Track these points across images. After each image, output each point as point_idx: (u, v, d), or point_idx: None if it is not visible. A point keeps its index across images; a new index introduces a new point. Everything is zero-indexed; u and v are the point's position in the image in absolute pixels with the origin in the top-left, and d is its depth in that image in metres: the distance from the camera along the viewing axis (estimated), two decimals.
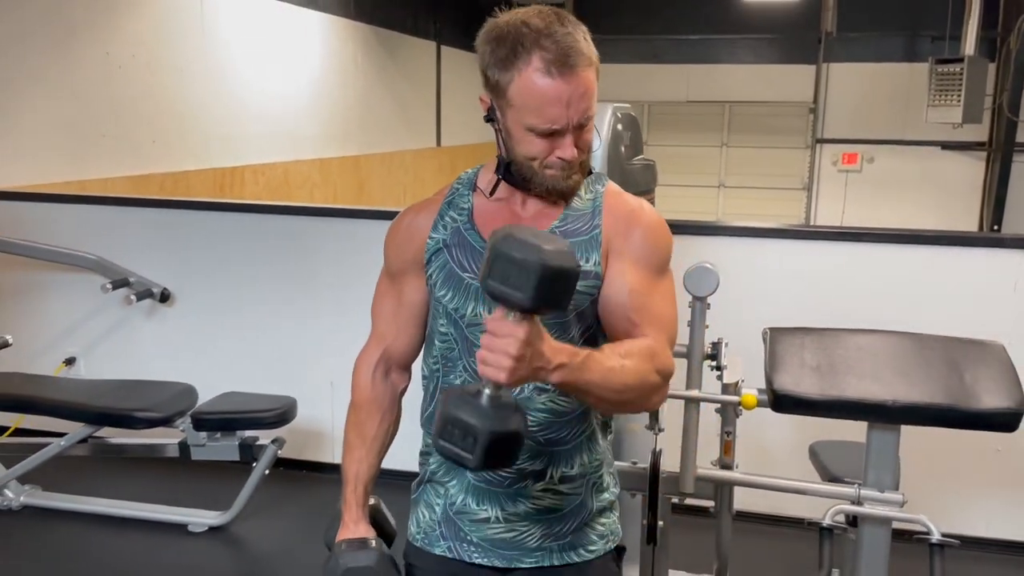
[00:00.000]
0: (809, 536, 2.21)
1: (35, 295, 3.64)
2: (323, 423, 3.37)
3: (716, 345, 2.19)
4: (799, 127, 11.22)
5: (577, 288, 1.26)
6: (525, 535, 1.41)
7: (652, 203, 2.54)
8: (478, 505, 1.41)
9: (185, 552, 2.91)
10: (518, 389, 1.32)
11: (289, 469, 3.38)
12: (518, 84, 1.26)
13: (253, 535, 3.01)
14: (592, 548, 1.44)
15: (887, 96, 10.27)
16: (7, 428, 3.45)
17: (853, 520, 2.15)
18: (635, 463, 2.23)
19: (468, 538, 1.42)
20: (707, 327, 2.19)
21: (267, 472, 2.97)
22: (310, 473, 3.38)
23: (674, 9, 11.08)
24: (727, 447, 2.23)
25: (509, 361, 1.10)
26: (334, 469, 3.37)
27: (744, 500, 2.62)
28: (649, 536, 2.14)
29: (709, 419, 2.28)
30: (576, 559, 1.43)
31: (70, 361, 3.62)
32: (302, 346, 3.39)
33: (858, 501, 2.07)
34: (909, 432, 2.06)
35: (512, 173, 1.36)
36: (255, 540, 3.01)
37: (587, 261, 1.34)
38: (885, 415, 2.02)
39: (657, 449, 2.16)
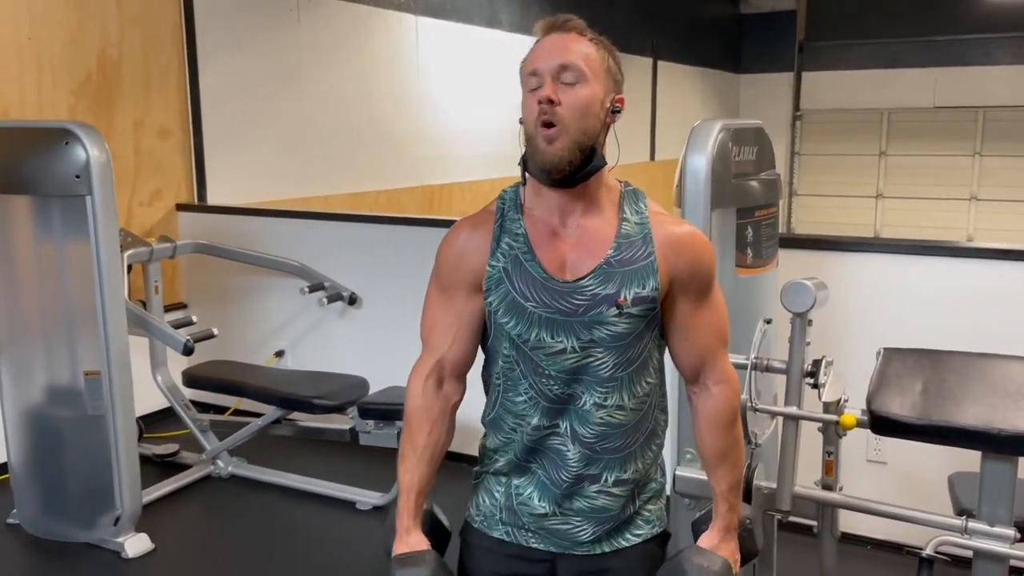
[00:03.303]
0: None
1: (257, 295, 4.24)
2: (475, 418, 3.59)
3: (817, 363, 2.15)
4: None
5: (633, 312, 1.41)
6: (578, 529, 1.51)
7: (776, 216, 2.54)
8: (539, 501, 1.52)
9: (353, 526, 3.27)
10: (579, 399, 1.45)
11: (447, 461, 3.64)
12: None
13: None
14: (638, 532, 1.53)
15: None
16: (227, 408, 4.05)
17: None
18: None
19: (526, 525, 1.54)
20: (808, 344, 2.16)
21: None
22: (462, 465, 3.61)
23: (918, 10, 10.30)
24: (828, 467, 2.18)
25: None
26: None
27: (859, 524, 2.52)
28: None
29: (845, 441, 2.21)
30: (623, 544, 1.52)
31: (279, 353, 4.16)
32: None
33: (965, 533, 1.95)
34: None
35: (527, 162, 1.42)
36: None
37: (643, 288, 1.41)
38: (994, 444, 1.89)
39: (753, 464, 2.16)
